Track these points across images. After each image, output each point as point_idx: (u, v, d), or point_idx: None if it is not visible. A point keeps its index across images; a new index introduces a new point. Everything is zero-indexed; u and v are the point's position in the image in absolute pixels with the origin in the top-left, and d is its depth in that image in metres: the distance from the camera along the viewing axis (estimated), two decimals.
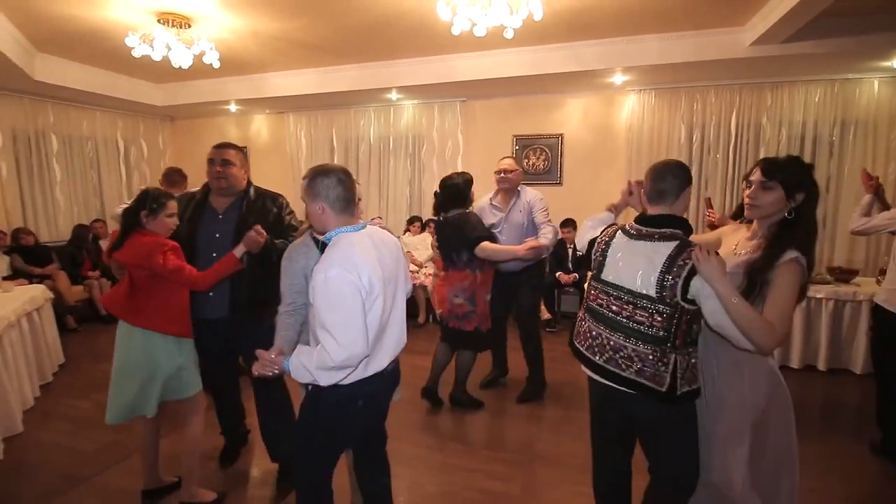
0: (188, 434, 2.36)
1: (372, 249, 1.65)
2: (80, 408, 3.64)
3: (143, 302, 2.20)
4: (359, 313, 1.54)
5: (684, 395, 1.67)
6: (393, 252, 1.78)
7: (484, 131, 6.27)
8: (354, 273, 1.54)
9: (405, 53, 5.25)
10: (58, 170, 6.30)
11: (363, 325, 1.54)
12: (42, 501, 2.51)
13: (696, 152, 5.55)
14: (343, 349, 1.51)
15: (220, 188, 2.52)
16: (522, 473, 2.78)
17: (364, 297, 1.56)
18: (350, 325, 1.52)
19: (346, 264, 1.55)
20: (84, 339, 5.19)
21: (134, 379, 2.21)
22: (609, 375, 1.77)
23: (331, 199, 1.65)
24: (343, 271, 1.53)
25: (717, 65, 4.75)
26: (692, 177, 1.80)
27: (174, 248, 2.23)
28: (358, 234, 1.68)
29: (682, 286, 1.60)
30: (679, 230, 1.70)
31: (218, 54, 4.26)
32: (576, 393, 3.97)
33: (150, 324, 2.19)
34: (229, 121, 7.49)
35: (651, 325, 1.67)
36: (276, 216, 2.55)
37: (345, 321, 1.52)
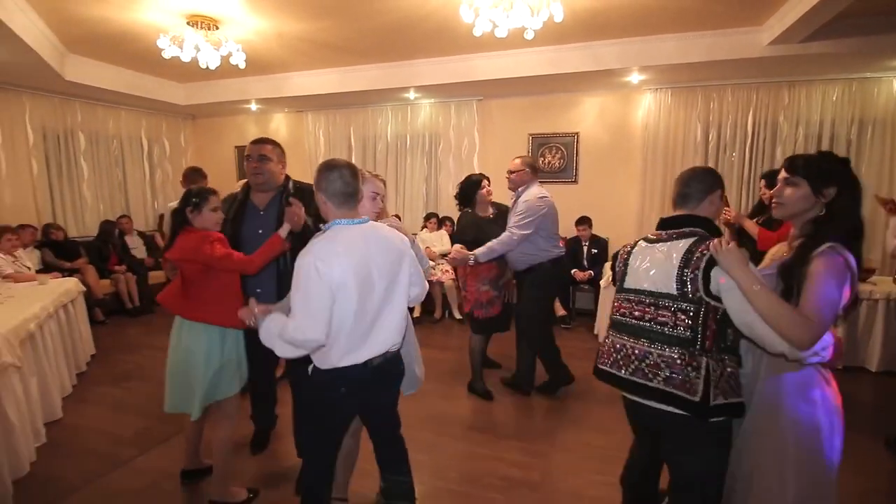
0: (217, 438, 2.39)
1: (360, 245, 1.71)
2: (114, 395, 3.79)
3: (196, 296, 2.28)
4: (320, 303, 1.62)
5: (719, 407, 1.53)
6: (391, 250, 1.81)
7: (500, 130, 6.35)
8: (326, 265, 1.62)
9: (424, 54, 5.35)
10: (85, 167, 6.49)
11: (323, 314, 1.62)
12: (86, 481, 2.65)
13: (711, 151, 5.58)
14: (298, 331, 1.63)
15: (258, 183, 2.58)
16: (542, 462, 2.87)
17: (333, 290, 1.63)
18: (308, 312, 1.62)
19: (321, 254, 1.64)
20: (112, 332, 5.36)
21: (184, 374, 2.30)
22: (636, 388, 1.67)
23: (330, 193, 1.74)
24: (315, 260, 1.62)
25: (733, 64, 4.79)
26: (722, 181, 1.77)
27: (220, 238, 2.31)
28: (351, 227, 1.75)
29: (702, 278, 1.54)
30: (699, 229, 1.67)
31: (245, 55, 4.39)
32: (594, 388, 4.05)
33: (204, 316, 2.27)
34: (249, 119, 7.64)
35: (675, 326, 1.58)
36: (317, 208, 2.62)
37: (305, 307, 1.63)
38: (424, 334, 5.38)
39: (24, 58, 4.42)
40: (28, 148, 5.84)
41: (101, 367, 4.34)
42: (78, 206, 6.46)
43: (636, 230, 5.89)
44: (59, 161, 6.28)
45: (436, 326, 5.67)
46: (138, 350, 4.87)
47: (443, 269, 5.90)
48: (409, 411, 3.33)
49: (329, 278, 1.62)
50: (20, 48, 4.14)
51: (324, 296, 1.63)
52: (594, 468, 2.80)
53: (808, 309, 1.42)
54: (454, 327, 5.67)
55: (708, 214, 1.73)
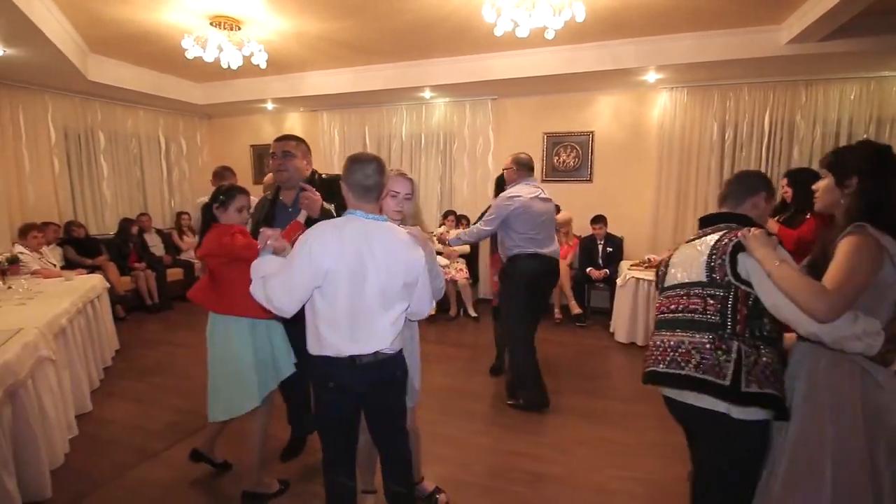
0: (251, 430, 2.41)
1: (363, 239, 1.72)
2: (140, 390, 3.86)
3: (223, 289, 2.32)
4: (301, 281, 1.68)
5: (751, 396, 1.50)
6: (398, 257, 1.77)
7: (515, 129, 6.38)
8: (321, 249, 1.67)
9: (440, 53, 5.38)
10: (105, 166, 6.59)
11: (299, 292, 1.70)
12: (119, 473, 2.71)
13: (728, 150, 5.57)
14: (272, 291, 1.71)
15: (282, 180, 2.58)
16: (564, 457, 2.90)
17: (319, 275, 1.68)
18: (287, 283, 1.69)
19: (321, 237, 1.70)
20: (133, 328, 5.44)
21: (227, 370, 2.34)
22: (670, 380, 1.68)
23: (350, 183, 1.78)
24: (313, 241, 1.69)
25: (751, 63, 4.79)
26: (769, 186, 1.77)
27: (241, 230, 2.34)
28: (363, 220, 1.77)
29: (729, 262, 1.57)
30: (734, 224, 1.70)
31: (266, 55, 4.44)
32: (612, 386, 4.09)
33: (231, 309, 2.29)
34: (264, 118, 7.71)
35: (705, 311, 1.61)
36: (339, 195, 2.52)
37: (287, 277, 1.69)
38: (440, 332, 5.42)
39: (49, 57, 4.50)
40: (50, 146, 5.94)
41: (124, 362, 4.42)
42: (98, 204, 6.55)
43: (651, 229, 5.90)
44: (80, 160, 6.38)
45: (451, 324, 5.71)
46: (159, 346, 4.95)
47: (457, 268, 5.94)
48: (430, 406, 3.37)
49: (318, 262, 1.67)
50: (47, 48, 4.22)
51: (306, 275, 1.68)
52: (616, 463, 2.83)
53: (827, 281, 1.43)
54: (469, 325, 5.71)
55: (750, 216, 1.74)
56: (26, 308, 3.25)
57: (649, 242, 5.86)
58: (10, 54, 4.40)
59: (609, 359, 4.70)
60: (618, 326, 5.00)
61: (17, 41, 4.11)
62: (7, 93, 5.49)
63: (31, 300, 3.45)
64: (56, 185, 6.02)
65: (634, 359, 4.64)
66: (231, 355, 2.33)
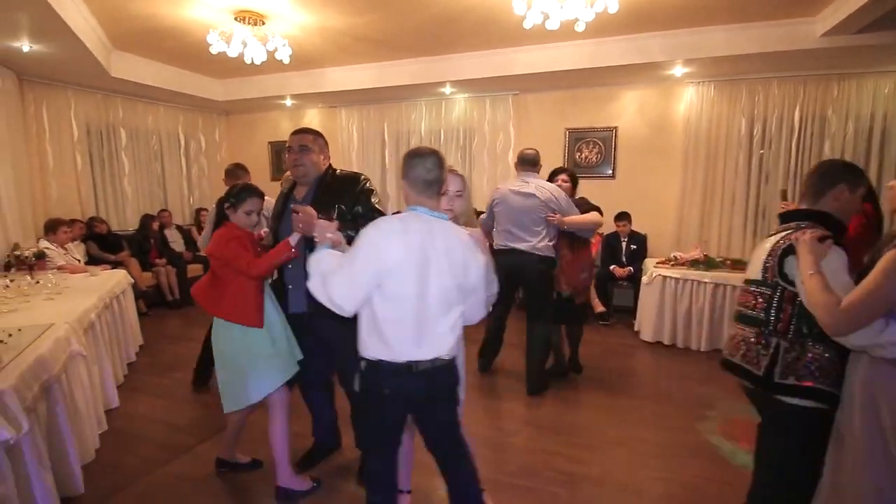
0: (272, 431, 2.40)
1: (427, 237, 1.63)
2: (165, 385, 3.85)
3: (220, 291, 2.29)
4: (363, 277, 1.60)
5: (788, 387, 1.60)
6: (460, 259, 1.69)
7: (536, 125, 6.30)
8: (387, 243, 1.60)
9: (463, 48, 5.33)
10: (126, 162, 6.62)
11: (361, 288, 1.61)
12: (149, 468, 2.70)
13: (756, 146, 5.46)
14: (333, 287, 1.63)
15: (298, 176, 2.44)
16: (598, 457, 2.83)
17: (383, 272, 1.60)
18: (349, 280, 1.61)
19: (387, 232, 1.63)
20: (155, 323, 5.46)
21: (228, 369, 2.33)
22: (729, 366, 1.83)
23: (411, 178, 1.72)
24: (379, 236, 1.62)
25: (782, 56, 4.67)
26: (853, 175, 1.71)
27: (239, 237, 2.28)
28: (426, 217, 1.68)
29: (777, 263, 1.65)
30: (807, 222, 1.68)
31: (290, 50, 4.41)
32: (641, 384, 4.02)
33: (223, 313, 2.28)
34: (283, 115, 7.70)
35: (754, 308, 1.74)
36: (353, 196, 2.35)
37: (349, 274, 1.62)
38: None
39: (74, 53, 4.51)
40: (73, 143, 5.97)
41: (148, 358, 4.43)
42: (119, 199, 6.58)
43: (675, 226, 5.80)
44: (102, 156, 6.41)
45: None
46: (180, 341, 4.95)
47: None
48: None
49: (384, 258, 1.59)
50: (73, 44, 4.23)
51: (370, 272, 1.60)
52: (652, 465, 2.76)
53: (847, 297, 1.44)
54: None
55: (833, 209, 1.70)
56: (55, 303, 3.25)
57: (673, 240, 5.76)
58: (36, 50, 4.42)
59: (636, 358, 4.62)
60: (643, 325, 4.91)
61: (44, 37, 4.11)
62: (31, 89, 5.52)
63: (59, 295, 3.45)
64: (79, 181, 6.06)
65: (661, 358, 4.56)
66: (229, 356, 2.32)
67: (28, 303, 3.21)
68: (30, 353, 2.25)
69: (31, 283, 3.59)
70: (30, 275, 3.76)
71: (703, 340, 4.61)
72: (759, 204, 5.52)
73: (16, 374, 2.03)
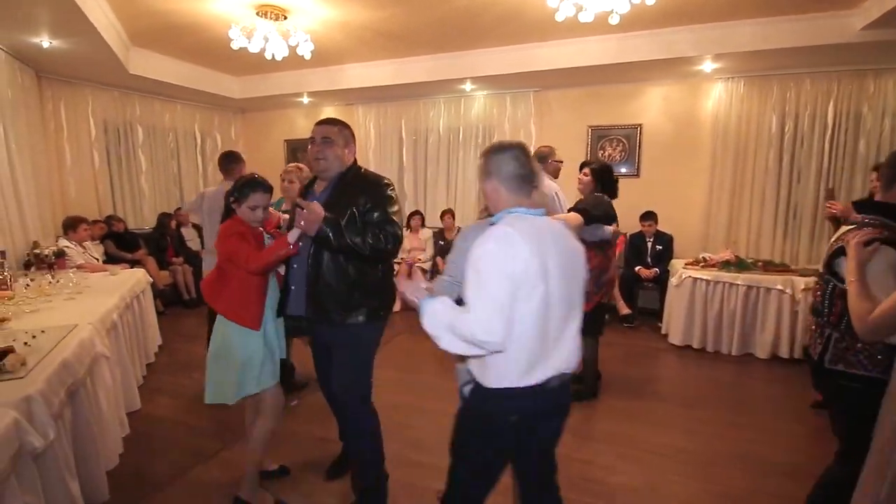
0: (253, 435, 2.32)
1: (540, 239, 1.46)
2: (186, 385, 3.79)
3: (222, 287, 2.21)
4: (502, 297, 1.37)
5: (838, 373, 1.77)
6: (573, 254, 1.56)
7: (557, 122, 6.17)
8: (511, 254, 1.38)
9: (485, 43, 5.22)
10: (143, 160, 6.57)
11: (504, 311, 1.37)
12: (175, 474, 2.62)
13: (787, 143, 5.29)
14: (476, 326, 1.37)
15: (319, 170, 2.25)
16: (637, 468, 2.72)
17: (516, 284, 1.39)
18: (488, 306, 1.37)
19: (501, 242, 1.40)
20: (172, 322, 5.40)
21: (217, 364, 2.24)
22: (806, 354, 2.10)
23: (503, 176, 1.53)
24: (496, 247, 1.40)
25: (816, 51, 4.52)
26: None
27: (241, 233, 2.18)
28: (531, 218, 1.52)
29: (826, 259, 1.82)
30: (875, 216, 1.69)
31: (312, 46, 4.33)
32: (671, 389, 3.89)
33: (223, 309, 2.20)
34: (298, 113, 7.63)
35: (815, 299, 1.94)
36: (372, 200, 2.14)
37: (483, 299, 1.37)
38: None
39: (94, 50, 4.46)
40: (90, 140, 5.94)
41: (167, 357, 4.37)
42: (136, 198, 6.55)
43: (702, 226, 5.65)
44: (119, 154, 6.37)
45: None
46: (198, 340, 4.86)
47: None
48: None
49: (513, 269, 1.39)
50: (94, 40, 4.18)
51: (505, 288, 1.38)
52: (695, 475, 2.65)
53: (878, 308, 1.49)
54: None
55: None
56: (77, 303, 3.19)
57: (700, 240, 5.61)
58: (56, 46, 4.37)
59: (664, 361, 4.49)
60: (671, 328, 4.78)
61: (65, 32, 4.06)
62: (49, 86, 5.49)
63: (80, 294, 3.39)
64: (96, 179, 6.03)
65: (690, 361, 4.44)
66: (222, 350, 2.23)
67: (49, 302, 3.15)
68: (55, 356, 2.17)
69: (52, 283, 3.53)
70: (50, 274, 3.70)
71: (735, 345, 4.47)
72: (791, 203, 5.35)
73: (42, 378, 1.95)
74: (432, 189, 6.92)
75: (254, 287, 2.21)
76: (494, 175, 1.55)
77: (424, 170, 6.96)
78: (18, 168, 4.52)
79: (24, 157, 4.69)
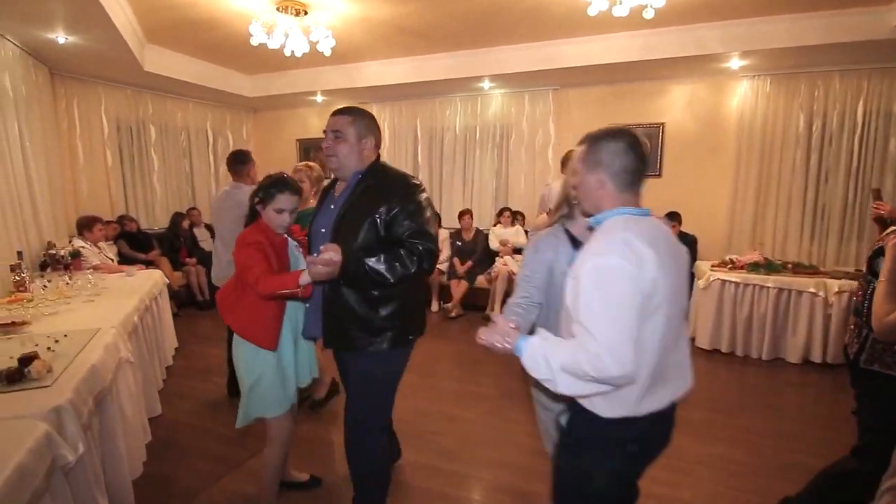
0: (262, 462, 2.20)
1: (662, 244, 1.26)
2: (206, 390, 3.69)
3: (237, 299, 2.03)
4: (632, 318, 1.17)
5: (867, 372, 1.84)
6: (682, 260, 1.37)
7: (577, 120, 6.05)
8: (637, 265, 1.18)
9: (506, 40, 5.12)
10: (155, 159, 6.49)
11: (632, 335, 1.17)
12: (203, 484, 2.52)
13: (815, 142, 5.17)
14: (601, 361, 1.14)
15: (332, 169, 1.97)
16: (688, 480, 2.60)
17: (644, 302, 1.19)
18: (620, 332, 1.15)
19: (625, 252, 1.18)
20: (186, 324, 5.30)
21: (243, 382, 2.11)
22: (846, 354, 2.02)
23: (615, 170, 1.30)
24: (622, 261, 1.18)
25: (847, 48, 4.41)
26: None
27: (259, 242, 1.95)
28: (645, 219, 1.31)
29: (868, 259, 1.89)
30: None
31: (333, 42, 4.24)
32: (706, 395, 3.77)
33: (236, 325, 2.03)
34: (311, 112, 7.54)
35: (857, 299, 1.98)
36: (400, 203, 1.82)
37: (614, 326, 1.15)
38: None
39: (110, 46, 4.38)
40: (103, 139, 5.86)
41: (184, 361, 4.28)
42: (148, 197, 6.46)
43: (727, 227, 5.54)
44: (132, 152, 6.29)
45: None
46: (214, 343, 4.77)
47: (502, 263, 5.68)
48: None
49: (643, 284, 1.18)
50: (110, 36, 4.09)
51: (636, 309, 1.17)
52: (746, 487, 2.54)
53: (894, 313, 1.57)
54: None
55: None
56: (96, 305, 3.09)
57: (725, 242, 5.50)
58: (71, 42, 4.28)
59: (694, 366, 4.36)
60: (699, 331, 4.65)
61: (81, 27, 3.97)
62: (62, 83, 5.41)
63: (99, 296, 3.29)
64: (108, 178, 5.95)
65: (720, 366, 4.32)
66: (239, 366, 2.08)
67: (68, 304, 3.06)
68: (81, 362, 2.07)
69: (70, 284, 3.44)
70: (68, 275, 3.61)
71: (765, 349, 4.35)
72: (818, 204, 5.23)
73: (71, 386, 1.84)
74: (448, 189, 6.81)
75: (272, 303, 2.00)
76: (605, 167, 1.31)
77: (440, 169, 6.86)
78: (33, 167, 4.43)
79: (39, 156, 4.61)
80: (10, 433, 1.50)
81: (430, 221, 1.86)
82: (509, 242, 5.88)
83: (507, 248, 5.86)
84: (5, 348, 2.18)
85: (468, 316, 5.73)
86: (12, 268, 3.22)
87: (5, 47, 4.10)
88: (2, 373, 1.83)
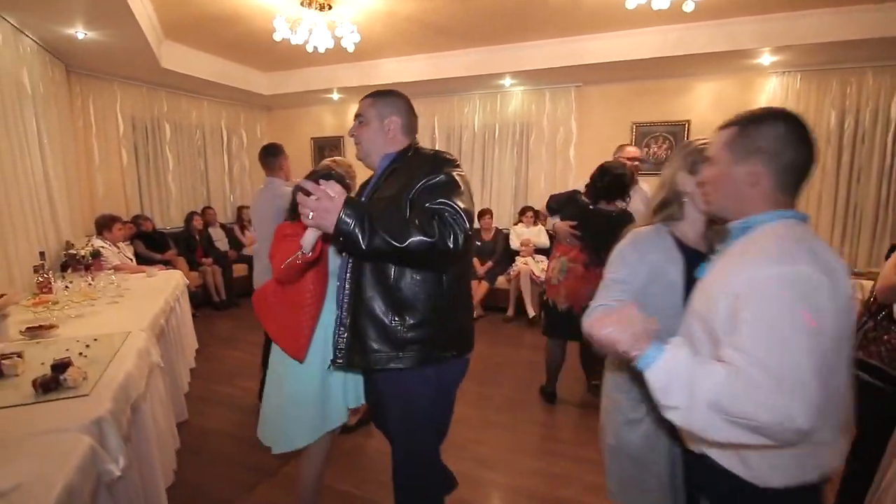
0: (298, 481, 2.08)
1: (830, 259, 1.01)
2: (231, 394, 3.61)
3: (276, 301, 1.92)
4: (813, 356, 0.89)
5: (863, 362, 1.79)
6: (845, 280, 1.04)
7: (600, 118, 5.95)
8: (830, 286, 0.92)
9: (531, 36, 5.01)
10: (170, 158, 6.41)
11: (816, 378, 0.88)
12: (237, 493, 2.45)
13: (847, 141, 5.04)
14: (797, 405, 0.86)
15: (359, 158, 1.82)
16: None
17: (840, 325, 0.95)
18: (810, 372, 0.87)
19: (816, 268, 0.93)
20: (204, 325, 5.23)
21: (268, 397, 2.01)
22: None
23: (780, 163, 1.03)
24: (815, 271, 0.92)
25: (882, 43, 4.27)
26: None
27: (295, 234, 1.77)
28: (805, 227, 1.06)
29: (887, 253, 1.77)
30: None
31: (358, 37, 4.13)
32: None
33: (272, 329, 1.93)
34: (326, 110, 7.45)
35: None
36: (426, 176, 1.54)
37: (803, 365, 0.88)
38: (515, 332, 5.05)
39: (130, 42, 4.29)
40: (119, 137, 5.78)
41: (206, 363, 4.19)
42: (163, 196, 6.37)
43: None
44: (147, 151, 6.20)
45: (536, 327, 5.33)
46: (235, 344, 4.73)
47: (523, 262, 5.59)
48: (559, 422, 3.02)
49: (833, 310, 0.93)
50: (130, 31, 4.00)
51: (822, 344, 0.91)
52: None
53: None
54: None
55: None
56: (121, 307, 3.01)
57: None
58: (90, 38, 4.19)
59: None
60: None
61: (102, 22, 3.87)
62: (78, 81, 5.33)
63: (122, 298, 3.21)
64: (124, 177, 5.87)
65: None
66: (278, 380, 1.95)
67: (93, 307, 2.97)
68: (116, 368, 1.98)
69: (92, 285, 3.36)
70: (90, 276, 3.52)
71: None
72: (850, 204, 5.10)
73: (109, 395, 1.75)
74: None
75: (305, 309, 1.88)
76: (767, 158, 1.04)
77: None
78: (51, 166, 4.35)
79: (56, 154, 4.53)
80: (54, 449, 1.41)
81: (464, 197, 1.52)
82: (531, 242, 5.78)
83: (528, 248, 5.75)
84: (35, 354, 2.10)
85: (489, 317, 5.63)
86: (36, 269, 3.14)
87: (23, 43, 4.02)
88: (36, 381, 1.75)
